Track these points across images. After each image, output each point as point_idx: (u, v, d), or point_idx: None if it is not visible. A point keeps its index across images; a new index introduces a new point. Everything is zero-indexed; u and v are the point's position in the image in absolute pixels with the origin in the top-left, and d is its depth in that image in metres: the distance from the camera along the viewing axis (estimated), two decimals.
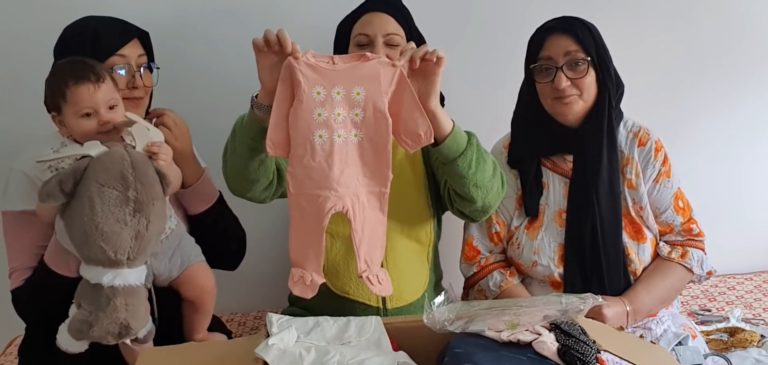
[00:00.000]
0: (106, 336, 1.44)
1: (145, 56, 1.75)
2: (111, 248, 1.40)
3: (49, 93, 1.54)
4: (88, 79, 1.50)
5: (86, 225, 1.40)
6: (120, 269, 1.43)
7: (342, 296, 1.74)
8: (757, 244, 2.51)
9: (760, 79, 2.39)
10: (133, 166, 1.43)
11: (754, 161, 2.46)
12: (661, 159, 1.81)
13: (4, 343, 2.17)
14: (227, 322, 2.19)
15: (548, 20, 1.79)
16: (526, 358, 1.27)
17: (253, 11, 2.20)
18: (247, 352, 1.38)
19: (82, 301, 1.47)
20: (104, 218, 1.39)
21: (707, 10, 2.31)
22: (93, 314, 1.43)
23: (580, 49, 1.71)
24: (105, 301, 1.43)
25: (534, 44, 1.78)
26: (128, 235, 1.42)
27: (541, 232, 1.82)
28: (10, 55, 2.16)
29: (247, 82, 2.25)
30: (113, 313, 1.43)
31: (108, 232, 1.40)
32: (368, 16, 1.77)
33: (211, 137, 2.04)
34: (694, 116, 2.38)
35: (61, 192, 1.39)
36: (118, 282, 1.43)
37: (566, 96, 1.72)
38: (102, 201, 1.40)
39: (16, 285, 1.63)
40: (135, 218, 1.43)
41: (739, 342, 1.89)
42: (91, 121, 1.50)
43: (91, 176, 1.40)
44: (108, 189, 1.40)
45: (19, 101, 2.15)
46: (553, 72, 1.72)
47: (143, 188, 1.44)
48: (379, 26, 1.74)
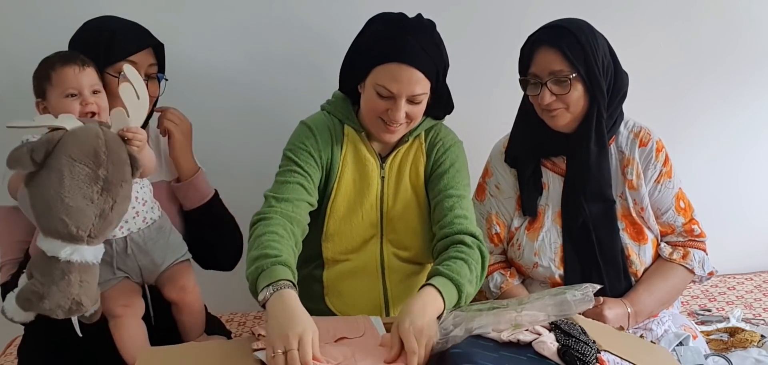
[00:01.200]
0: (56, 310, 1.41)
1: (156, 67, 1.76)
2: (73, 224, 1.38)
3: (35, 80, 1.57)
4: (74, 62, 1.54)
5: (51, 197, 1.37)
6: (79, 245, 1.41)
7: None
8: (757, 244, 2.51)
9: (759, 80, 2.39)
10: (107, 145, 1.42)
11: (753, 161, 2.46)
12: (662, 159, 1.80)
13: (4, 343, 2.17)
14: (227, 322, 2.19)
15: (540, 28, 1.76)
16: (526, 358, 1.27)
17: (254, 10, 2.20)
18: (247, 352, 1.38)
19: (34, 272, 1.44)
20: (71, 194, 1.38)
21: (707, 10, 2.31)
22: (45, 286, 1.39)
23: (565, 67, 1.68)
24: (59, 275, 1.40)
25: (524, 56, 1.76)
26: (92, 213, 1.40)
27: (541, 233, 1.82)
28: (11, 55, 2.15)
29: (248, 82, 2.26)
30: (67, 288, 1.40)
31: (73, 207, 1.38)
32: (396, 68, 1.58)
33: (211, 136, 2.05)
34: (694, 116, 2.38)
35: (31, 161, 1.37)
36: (75, 257, 1.40)
37: (552, 110, 1.71)
38: (71, 176, 1.38)
39: (4, 280, 1.66)
40: (102, 197, 1.41)
41: (740, 342, 1.89)
42: (74, 102, 1.52)
43: (64, 150, 1.39)
44: (79, 165, 1.39)
45: (19, 102, 2.15)
46: (540, 87, 1.71)
47: (114, 169, 1.42)
48: (408, 84, 1.59)
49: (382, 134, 1.68)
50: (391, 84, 1.59)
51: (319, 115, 1.78)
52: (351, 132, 1.74)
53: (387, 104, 1.62)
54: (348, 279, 1.76)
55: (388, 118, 1.64)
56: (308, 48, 2.23)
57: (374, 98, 1.63)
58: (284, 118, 2.13)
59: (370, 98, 1.64)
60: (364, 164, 1.74)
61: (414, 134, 1.75)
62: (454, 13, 2.24)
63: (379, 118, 1.65)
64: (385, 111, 1.63)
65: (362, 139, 1.74)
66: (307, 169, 1.67)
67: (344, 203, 1.73)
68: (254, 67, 2.24)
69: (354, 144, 1.74)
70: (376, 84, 1.61)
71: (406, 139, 1.75)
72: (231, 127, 2.27)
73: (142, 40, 1.72)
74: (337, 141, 1.73)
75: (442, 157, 1.75)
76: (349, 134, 1.74)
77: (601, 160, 1.75)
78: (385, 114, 1.64)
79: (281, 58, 2.23)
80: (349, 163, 1.73)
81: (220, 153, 2.13)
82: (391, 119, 1.63)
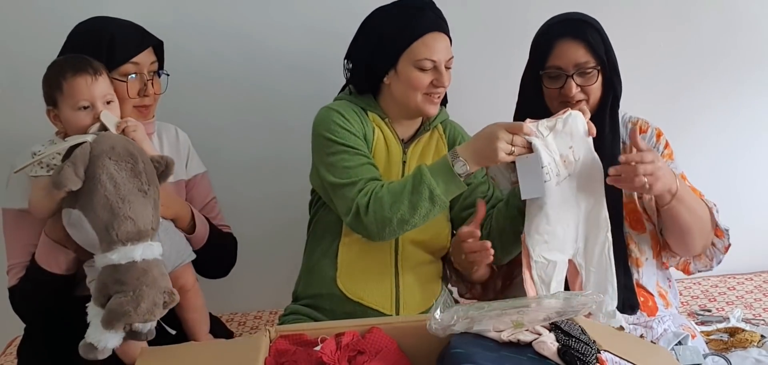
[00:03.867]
0: (154, 309, 1.38)
1: (157, 63, 1.76)
2: (141, 221, 1.39)
3: (46, 87, 1.54)
4: (86, 72, 1.50)
5: (113, 203, 1.38)
6: (148, 240, 1.42)
7: (355, 301, 1.73)
8: (757, 244, 2.51)
9: (759, 79, 2.39)
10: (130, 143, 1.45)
11: (753, 161, 2.46)
12: (663, 143, 1.83)
13: (4, 343, 2.17)
14: (227, 322, 2.19)
15: (554, 20, 1.77)
16: (526, 358, 1.27)
17: (254, 10, 2.20)
18: (247, 352, 1.38)
19: (111, 289, 1.40)
20: (129, 190, 1.39)
21: (707, 10, 2.32)
22: (134, 292, 1.37)
23: (590, 59, 1.71)
24: (142, 276, 1.39)
25: (542, 48, 1.76)
26: (149, 205, 1.42)
27: None
28: (11, 55, 2.16)
29: (248, 82, 2.26)
30: (155, 283, 1.39)
31: (135, 203, 1.39)
32: (431, 38, 1.71)
33: (211, 136, 2.05)
34: (694, 116, 2.38)
35: (76, 176, 1.36)
36: (149, 254, 1.41)
37: (575, 102, 1.72)
38: (121, 176, 1.39)
39: (12, 283, 1.64)
40: (151, 188, 1.44)
41: (740, 342, 1.89)
42: (87, 114, 1.51)
43: (102, 155, 1.39)
44: (122, 163, 1.40)
45: (19, 101, 2.16)
46: (563, 79, 1.72)
47: (145, 159, 1.45)
48: (445, 50, 1.73)
49: (427, 108, 1.75)
50: (433, 54, 1.70)
51: (339, 102, 1.82)
52: (376, 118, 1.80)
53: (431, 75, 1.71)
54: (361, 259, 1.76)
55: (432, 89, 1.73)
56: (309, 48, 2.23)
57: (417, 75, 1.71)
58: (284, 118, 2.13)
59: (411, 77, 1.71)
60: (389, 147, 1.80)
61: (433, 124, 1.84)
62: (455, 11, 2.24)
63: (425, 93, 1.73)
64: (429, 83, 1.72)
65: (387, 124, 1.80)
66: (360, 147, 1.73)
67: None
68: (254, 65, 2.24)
69: (381, 128, 1.80)
70: (416, 61, 1.70)
71: (428, 127, 1.83)
72: (231, 127, 2.27)
73: (143, 41, 1.72)
74: (366, 123, 1.78)
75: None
76: (375, 119, 1.80)
77: (613, 146, 1.76)
78: (429, 87, 1.72)
79: (281, 58, 2.23)
80: (380, 142, 1.79)
81: (220, 153, 2.13)
82: (439, 84, 1.72)
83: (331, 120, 1.73)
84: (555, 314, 1.35)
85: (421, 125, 1.84)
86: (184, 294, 1.66)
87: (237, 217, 1.97)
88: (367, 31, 1.77)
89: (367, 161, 1.71)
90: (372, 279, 1.75)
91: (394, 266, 1.77)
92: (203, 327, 1.73)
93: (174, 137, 1.85)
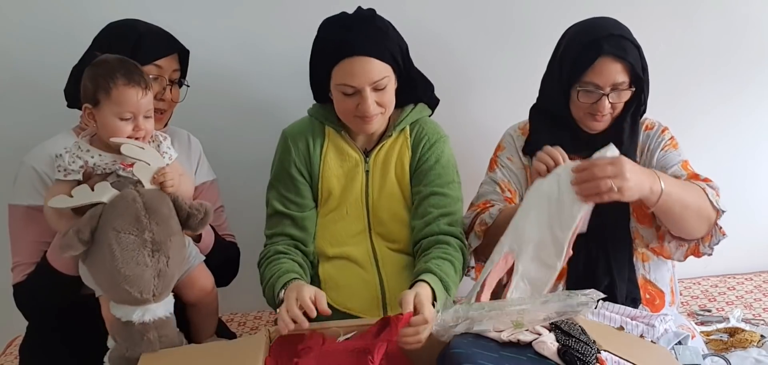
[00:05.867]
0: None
1: (179, 72, 1.77)
2: (136, 290, 1.40)
3: (91, 85, 1.47)
4: (139, 84, 1.48)
5: (109, 271, 1.40)
6: (148, 305, 1.43)
7: (343, 311, 1.71)
8: (757, 244, 2.51)
9: (760, 80, 2.38)
10: (146, 207, 1.42)
11: (754, 162, 2.46)
12: (669, 136, 1.84)
13: (4, 343, 2.17)
14: (227, 322, 2.19)
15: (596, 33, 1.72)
16: (526, 358, 1.27)
17: (254, 10, 2.20)
18: (247, 352, 1.38)
19: (116, 336, 1.47)
20: (125, 263, 1.39)
21: (707, 10, 2.31)
22: (130, 349, 1.44)
23: (627, 79, 1.70)
24: (138, 337, 1.44)
25: (582, 62, 1.71)
26: (150, 275, 1.42)
27: None
28: (11, 55, 2.15)
29: (248, 82, 2.26)
30: (148, 346, 1.44)
31: (131, 276, 1.39)
32: (348, 63, 1.62)
33: (211, 136, 2.04)
34: (694, 117, 2.37)
35: (80, 242, 1.39)
36: (147, 317, 1.44)
37: (603, 116, 1.73)
38: (121, 247, 1.39)
39: (18, 280, 1.63)
40: (154, 259, 1.42)
41: (739, 343, 1.89)
42: (127, 125, 1.48)
43: (108, 223, 1.40)
44: (124, 235, 1.40)
45: (19, 101, 2.16)
46: (597, 96, 1.71)
47: (159, 228, 1.43)
48: (364, 74, 1.62)
49: (362, 128, 1.71)
50: (350, 79, 1.63)
51: (300, 121, 1.84)
52: (331, 131, 1.78)
53: (355, 100, 1.66)
54: (344, 272, 1.75)
55: (360, 112, 1.67)
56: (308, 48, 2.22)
57: (342, 98, 1.67)
58: (286, 119, 2.13)
59: (338, 100, 1.69)
60: (346, 160, 1.77)
61: (398, 128, 1.78)
62: (455, 11, 2.24)
63: (354, 116, 1.69)
64: (356, 107, 1.67)
65: (343, 136, 1.78)
66: (294, 195, 1.76)
67: (329, 200, 1.76)
68: (254, 65, 2.24)
69: (334, 142, 1.78)
70: (338, 85, 1.66)
71: (390, 133, 1.77)
72: (231, 127, 2.27)
73: (170, 45, 1.74)
74: (316, 142, 1.77)
75: (427, 152, 1.76)
76: (330, 134, 1.78)
77: (630, 152, 1.76)
78: (356, 110, 1.67)
79: (281, 58, 2.23)
80: (331, 160, 1.77)
81: (221, 153, 2.12)
82: (364, 112, 1.66)
83: (280, 162, 1.78)
84: (555, 314, 1.35)
85: (385, 130, 1.78)
86: (201, 295, 1.67)
87: (235, 216, 1.97)
88: (313, 43, 1.75)
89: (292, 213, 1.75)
90: (358, 290, 1.73)
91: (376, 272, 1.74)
92: (209, 332, 1.73)
93: (186, 143, 1.86)
